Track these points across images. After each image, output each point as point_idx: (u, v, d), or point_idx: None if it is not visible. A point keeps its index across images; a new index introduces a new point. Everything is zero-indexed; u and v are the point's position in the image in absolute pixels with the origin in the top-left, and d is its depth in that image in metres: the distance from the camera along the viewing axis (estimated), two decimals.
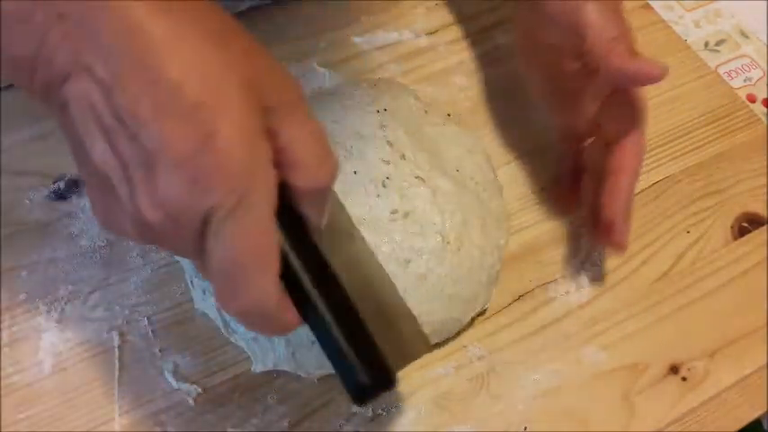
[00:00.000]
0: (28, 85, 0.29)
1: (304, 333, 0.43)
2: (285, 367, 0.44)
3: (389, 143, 0.47)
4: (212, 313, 0.46)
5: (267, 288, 0.30)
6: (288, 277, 0.31)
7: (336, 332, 0.31)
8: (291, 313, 0.32)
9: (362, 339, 0.32)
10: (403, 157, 0.47)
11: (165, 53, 0.27)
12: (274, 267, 0.30)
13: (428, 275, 0.44)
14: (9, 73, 0.31)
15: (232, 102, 0.28)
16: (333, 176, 0.31)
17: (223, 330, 0.45)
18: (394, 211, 0.45)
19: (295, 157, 0.30)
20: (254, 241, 0.29)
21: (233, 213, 0.28)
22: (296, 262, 0.31)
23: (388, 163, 0.46)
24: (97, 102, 0.28)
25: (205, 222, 0.28)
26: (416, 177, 0.46)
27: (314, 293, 0.31)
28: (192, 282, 0.46)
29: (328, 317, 0.31)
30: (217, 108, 0.27)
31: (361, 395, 0.32)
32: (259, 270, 0.29)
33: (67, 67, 0.28)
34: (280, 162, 0.30)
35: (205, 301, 0.46)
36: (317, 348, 0.43)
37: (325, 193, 0.32)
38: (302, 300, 0.31)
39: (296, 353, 0.44)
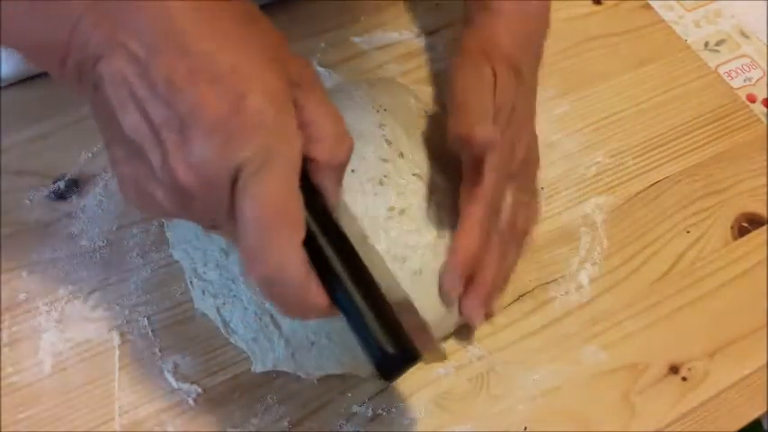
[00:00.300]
0: (58, 70, 0.31)
1: (304, 334, 0.43)
2: (285, 368, 0.44)
3: (388, 142, 0.47)
4: (212, 313, 0.46)
5: (291, 251, 0.31)
6: (314, 256, 0.32)
7: (362, 306, 0.33)
8: (318, 290, 0.33)
9: (387, 315, 0.33)
10: (401, 155, 0.47)
11: (197, 31, 0.29)
12: (298, 231, 0.31)
13: (423, 270, 0.44)
14: (39, 59, 0.33)
15: (261, 68, 0.30)
16: (349, 155, 0.34)
17: (223, 330, 0.45)
18: (390, 209, 0.45)
19: (317, 132, 0.32)
20: (279, 198, 0.30)
21: (260, 170, 0.30)
22: (321, 239, 0.32)
23: (386, 161, 0.46)
24: (131, 75, 0.29)
25: (234, 180, 0.30)
26: (414, 175, 0.46)
27: (340, 269, 0.33)
28: (191, 282, 0.46)
29: (354, 291, 0.33)
30: (247, 73, 0.30)
31: (388, 368, 0.33)
32: (283, 230, 0.31)
33: (101, 49, 0.30)
34: (303, 136, 0.31)
35: (205, 301, 0.46)
36: (316, 349, 0.43)
37: (341, 171, 0.34)
38: (328, 277, 0.33)
39: (296, 353, 0.44)
